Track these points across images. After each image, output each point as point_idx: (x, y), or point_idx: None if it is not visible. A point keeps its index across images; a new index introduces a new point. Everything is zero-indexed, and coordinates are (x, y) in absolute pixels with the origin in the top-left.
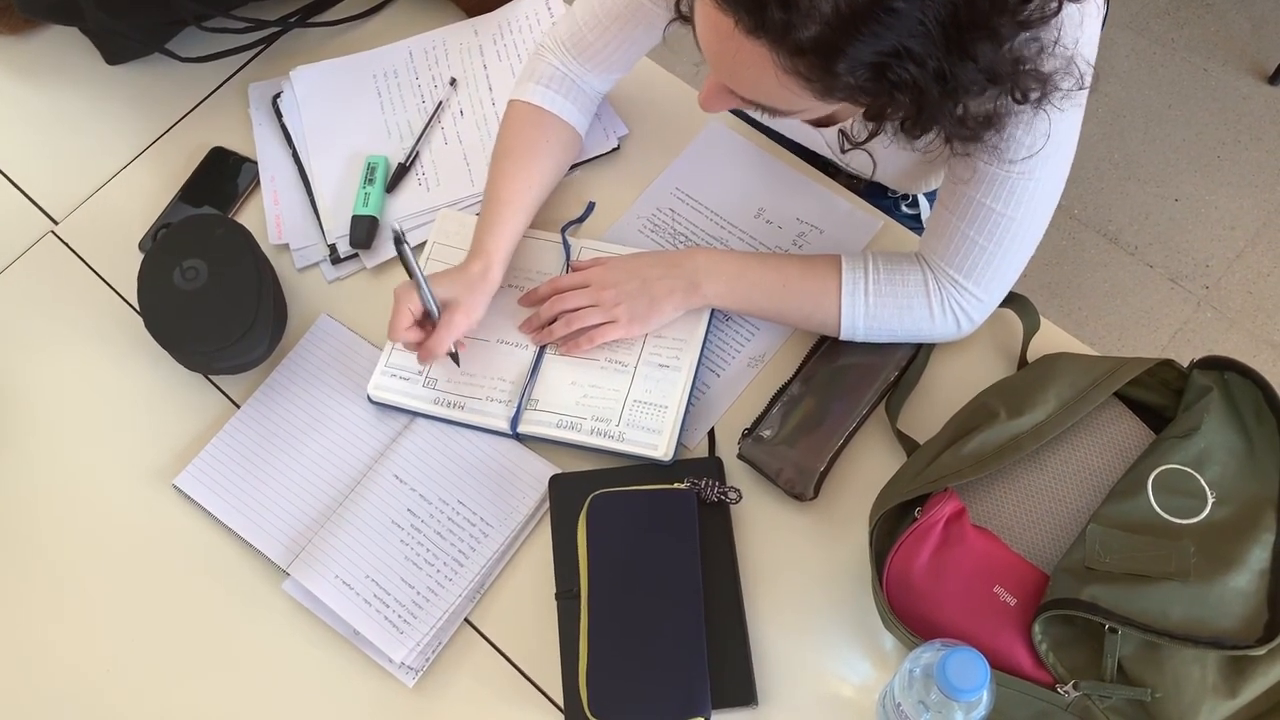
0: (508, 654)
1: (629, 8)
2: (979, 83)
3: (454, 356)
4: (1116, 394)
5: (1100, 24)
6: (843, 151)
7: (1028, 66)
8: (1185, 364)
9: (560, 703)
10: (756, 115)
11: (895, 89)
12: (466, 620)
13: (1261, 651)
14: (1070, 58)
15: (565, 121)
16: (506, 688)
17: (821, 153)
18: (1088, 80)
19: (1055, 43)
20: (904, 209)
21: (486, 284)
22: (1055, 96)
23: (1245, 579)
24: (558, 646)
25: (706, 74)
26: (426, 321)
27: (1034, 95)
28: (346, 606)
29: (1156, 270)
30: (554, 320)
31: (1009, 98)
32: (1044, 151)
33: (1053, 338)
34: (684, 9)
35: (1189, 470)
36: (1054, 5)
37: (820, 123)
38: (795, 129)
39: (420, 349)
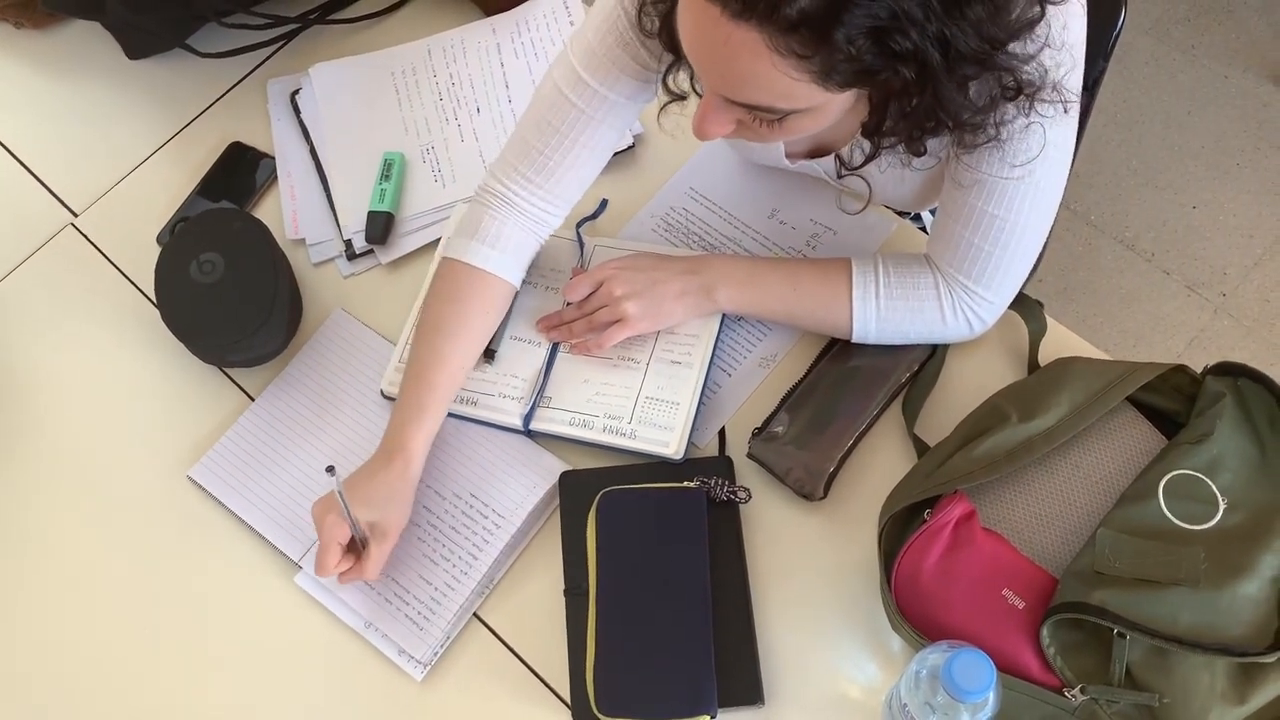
0: (516, 649)
1: (579, 94)
2: (980, 51)
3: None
4: (1129, 399)
5: (1084, 26)
6: (839, 177)
7: (1022, 50)
8: (1199, 371)
9: (567, 698)
10: (752, 142)
11: (898, 60)
12: (475, 615)
13: (1271, 659)
14: (1058, 60)
15: (502, 279)
16: (514, 683)
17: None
18: (1078, 87)
19: (1044, 41)
20: (906, 219)
21: (406, 483)
22: (1048, 93)
23: (1256, 586)
24: (565, 643)
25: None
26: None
27: (1028, 90)
28: (367, 604)
29: (1173, 277)
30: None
31: (1003, 90)
32: (1042, 155)
33: (1066, 342)
34: (649, 26)
35: (1201, 476)
36: None
37: (817, 151)
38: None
39: (349, 573)
